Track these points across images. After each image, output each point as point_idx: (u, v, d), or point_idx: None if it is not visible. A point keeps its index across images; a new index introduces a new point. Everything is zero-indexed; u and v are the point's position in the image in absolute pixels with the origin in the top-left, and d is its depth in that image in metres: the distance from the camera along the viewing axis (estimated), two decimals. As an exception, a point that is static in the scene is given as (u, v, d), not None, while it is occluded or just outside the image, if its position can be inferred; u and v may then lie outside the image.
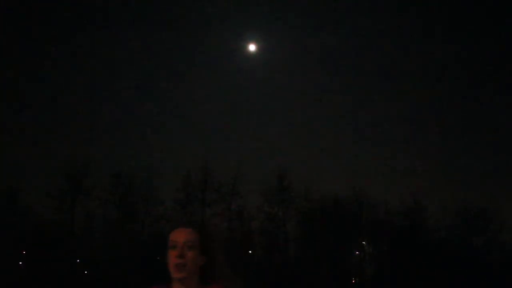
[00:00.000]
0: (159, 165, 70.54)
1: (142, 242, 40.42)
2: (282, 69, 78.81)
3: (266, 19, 78.26)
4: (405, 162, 73.13)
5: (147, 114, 74.42)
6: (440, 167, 68.63)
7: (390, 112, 74.73)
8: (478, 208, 45.02)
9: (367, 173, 66.63)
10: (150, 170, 43.32)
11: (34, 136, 67.89)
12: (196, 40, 77.12)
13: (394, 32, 78.86)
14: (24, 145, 65.35)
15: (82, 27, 77.17)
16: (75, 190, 40.89)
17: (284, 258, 43.74)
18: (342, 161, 71.90)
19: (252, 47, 51.65)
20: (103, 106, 76.95)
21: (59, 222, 40.51)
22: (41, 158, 64.49)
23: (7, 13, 64.52)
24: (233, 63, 77.28)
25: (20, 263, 39.28)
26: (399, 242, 43.01)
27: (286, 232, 44.71)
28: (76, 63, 76.66)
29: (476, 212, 45.07)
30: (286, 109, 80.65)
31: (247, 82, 79.59)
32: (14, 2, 68.52)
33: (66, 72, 71.48)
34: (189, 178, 43.40)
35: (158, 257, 33.76)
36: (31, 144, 65.92)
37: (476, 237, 45.08)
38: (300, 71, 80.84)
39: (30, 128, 69.04)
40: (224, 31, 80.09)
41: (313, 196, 44.78)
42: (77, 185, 40.94)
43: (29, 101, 69.69)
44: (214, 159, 67.04)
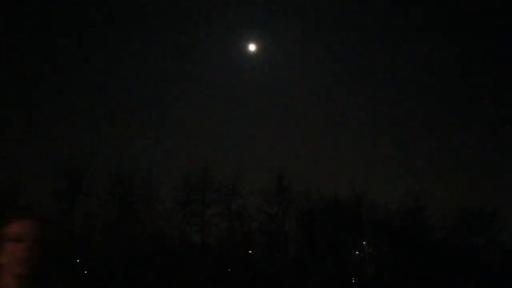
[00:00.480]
0: (159, 165, 70.59)
1: (142, 242, 40.39)
2: (282, 69, 78.88)
3: (266, 19, 78.30)
4: (405, 162, 73.26)
5: (147, 114, 74.48)
6: (440, 167, 68.72)
7: (390, 112, 74.81)
8: (478, 208, 45.13)
9: (367, 173, 66.66)
10: (150, 170, 43.40)
11: (34, 136, 67.79)
12: (196, 40, 77.11)
13: (394, 32, 78.93)
14: (24, 145, 65.28)
15: (83, 26, 77.28)
16: (75, 190, 40.86)
17: (284, 258, 43.71)
18: (342, 161, 71.86)
19: (252, 47, 51.74)
20: (103, 106, 77.11)
21: (59, 222, 40.48)
22: (41, 158, 64.57)
23: (7, 13, 64.56)
24: (233, 63, 77.36)
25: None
26: (399, 242, 42.97)
27: (286, 232, 44.71)
28: (76, 63, 76.71)
29: (476, 212, 45.12)
30: (286, 109, 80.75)
31: (247, 82, 79.56)
32: (15, 1, 68.50)
33: (66, 72, 71.56)
34: (189, 178, 43.42)
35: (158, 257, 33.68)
36: (31, 144, 65.87)
37: (476, 237, 45.09)
38: (300, 71, 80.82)
39: (30, 128, 68.96)
40: (224, 31, 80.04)
41: (313, 196, 44.89)
42: (77, 185, 40.91)
43: (29, 101, 69.59)
44: (214, 159, 67.14)
